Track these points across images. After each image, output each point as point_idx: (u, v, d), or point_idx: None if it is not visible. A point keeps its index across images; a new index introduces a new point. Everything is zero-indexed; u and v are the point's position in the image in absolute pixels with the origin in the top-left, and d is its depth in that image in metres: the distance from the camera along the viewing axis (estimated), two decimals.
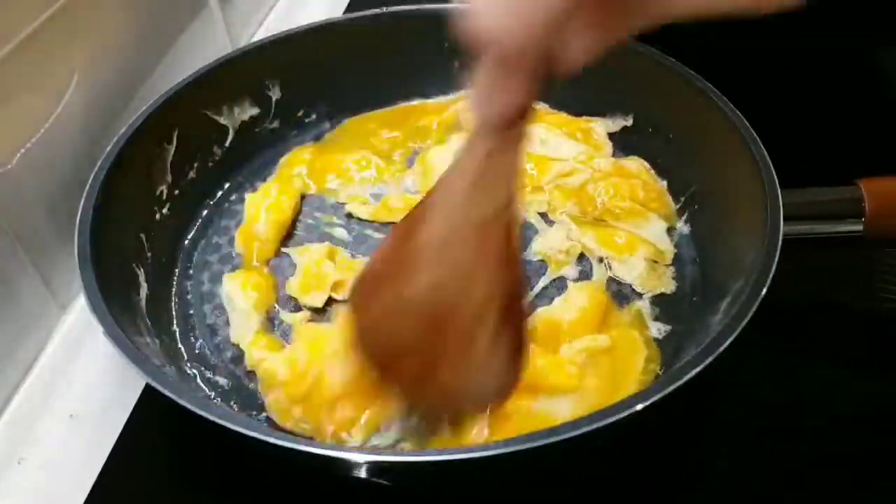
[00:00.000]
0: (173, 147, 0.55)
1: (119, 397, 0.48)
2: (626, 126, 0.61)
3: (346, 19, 0.68)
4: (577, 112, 0.63)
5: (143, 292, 0.49)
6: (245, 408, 0.46)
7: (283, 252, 0.55)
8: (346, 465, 0.39)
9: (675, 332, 0.49)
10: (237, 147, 0.60)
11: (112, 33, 0.55)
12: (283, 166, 0.61)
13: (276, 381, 0.45)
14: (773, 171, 0.46)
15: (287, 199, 0.57)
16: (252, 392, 0.47)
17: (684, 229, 0.55)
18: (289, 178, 0.59)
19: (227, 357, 0.49)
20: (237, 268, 0.54)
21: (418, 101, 0.66)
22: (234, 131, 0.60)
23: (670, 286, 0.52)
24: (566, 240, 0.54)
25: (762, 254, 0.42)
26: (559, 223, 0.56)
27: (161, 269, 0.52)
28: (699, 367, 0.37)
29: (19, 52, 0.46)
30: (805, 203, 0.47)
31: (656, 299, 0.51)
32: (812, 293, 0.53)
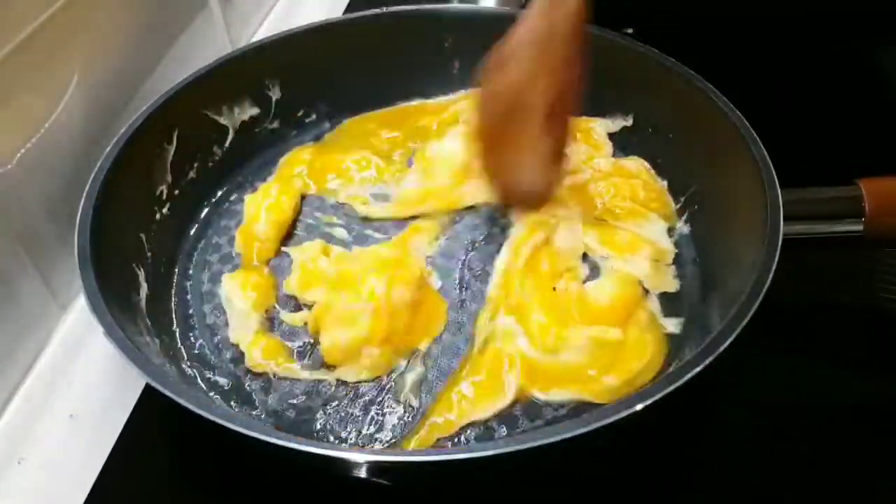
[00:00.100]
0: (173, 147, 0.55)
1: (119, 397, 0.48)
2: (625, 126, 0.61)
3: (345, 19, 0.68)
4: (577, 112, 0.63)
5: (143, 292, 0.49)
6: (245, 407, 0.46)
7: (283, 252, 0.55)
8: (347, 465, 0.39)
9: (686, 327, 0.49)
10: (237, 147, 0.60)
11: (112, 33, 0.55)
12: (283, 166, 0.61)
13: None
14: (773, 171, 0.46)
15: (287, 199, 0.57)
16: (252, 391, 0.47)
17: (684, 229, 0.55)
18: (289, 178, 0.59)
19: (226, 357, 0.49)
20: (237, 268, 0.54)
21: (418, 101, 0.66)
22: (234, 131, 0.60)
23: (675, 285, 0.52)
24: (572, 238, 0.54)
25: (762, 254, 0.42)
26: (566, 221, 0.55)
27: (161, 269, 0.52)
28: (699, 367, 0.37)
29: (19, 53, 0.46)
30: (805, 203, 0.47)
31: (666, 299, 0.51)
32: (812, 293, 0.53)
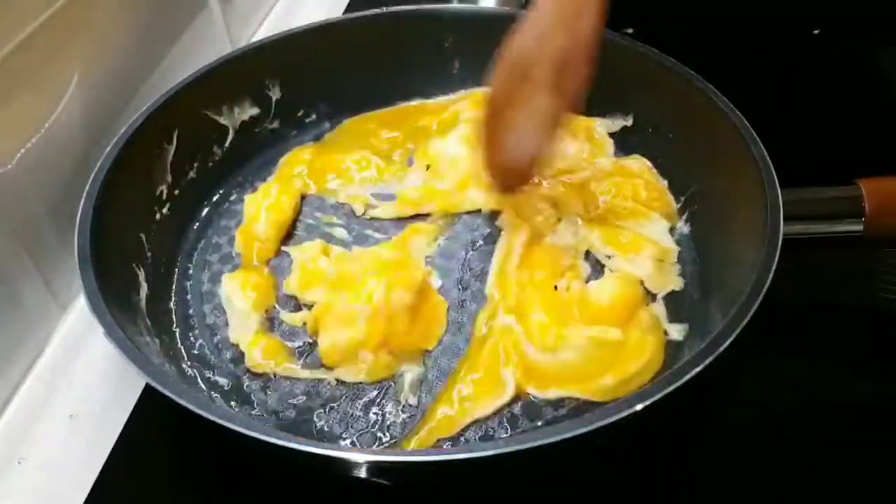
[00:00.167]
0: (173, 147, 0.55)
1: (119, 397, 0.48)
2: (625, 126, 0.61)
3: (345, 19, 0.68)
4: (578, 111, 0.63)
5: (143, 292, 0.49)
6: (245, 407, 0.46)
7: (283, 252, 0.55)
8: (347, 465, 0.39)
9: (691, 333, 0.49)
10: (237, 147, 0.60)
11: (112, 33, 0.55)
12: (283, 166, 0.61)
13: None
14: (773, 171, 0.46)
15: (287, 199, 0.57)
16: (252, 392, 0.47)
17: (684, 229, 0.55)
18: (289, 178, 0.59)
19: (226, 357, 0.49)
20: (237, 268, 0.54)
21: (418, 101, 0.66)
22: (234, 131, 0.60)
23: (679, 283, 0.52)
24: (574, 236, 0.54)
25: (762, 254, 0.42)
26: (567, 220, 0.55)
27: (161, 269, 0.52)
28: (699, 367, 0.37)
29: (19, 53, 0.46)
30: (805, 203, 0.47)
31: (667, 299, 0.51)
32: (812, 293, 0.53)
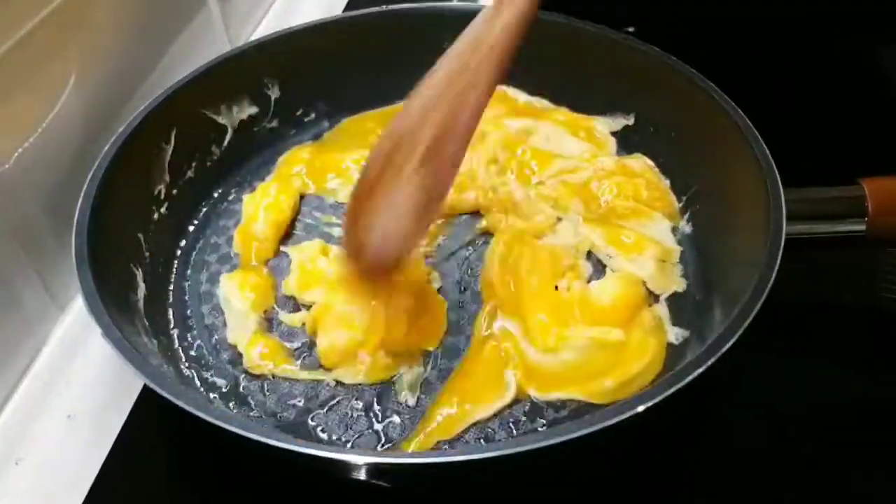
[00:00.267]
0: (171, 146, 0.54)
1: (117, 398, 0.48)
2: (627, 125, 0.61)
3: (344, 18, 0.68)
4: (579, 110, 0.63)
5: (140, 293, 0.49)
6: (243, 408, 0.46)
7: (282, 252, 0.54)
8: (346, 467, 0.39)
9: (691, 337, 0.48)
10: (236, 146, 0.60)
11: (110, 32, 0.55)
12: (282, 165, 0.61)
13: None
14: (776, 171, 0.46)
15: (286, 198, 0.56)
16: (250, 393, 0.46)
17: (686, 228, 0.55)
18: (288, 178, 0.59)
19: (225, 358, 0.48)
20: (236, 268, 0.54)
21: None
22: (232, 130, 0.60)
23: (682, 284, 0.51)
24: (575, 236, 0.54)
25: (764, 253, 0.41)
26: (567, 219, 0.55)
27: (159, 269, 0.52)
28: (701, 368, 0.36)
29: (16, 51, 0.46)
30: (807, 202, 0.47)
31: (669, 300, 0.50)
32: (814, 293, 0.53)
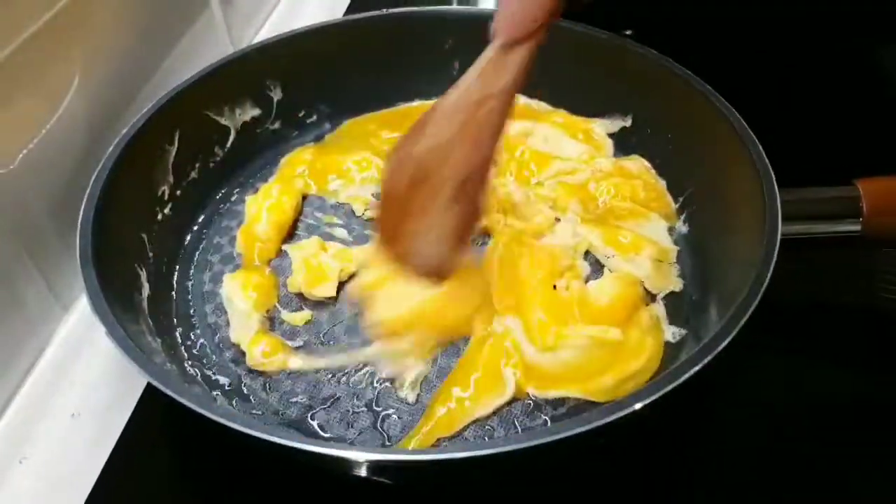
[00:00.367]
0: (175, 148, 0.55)
1: (121, 397, 0.48)
2: (624, 126, 0.61)
3: (346, 20, 0.68)
4: (577, 112, 0.63)
5: (144, 292, 0.49)
6: (246, 406, 0.46)
7: (284, 252, 0.55)
8: (347, 464, 0.39)
9: (688, 336, 0.49)
10: (238, 148, 0.60)
11: (113, 34, 0.55)
12: (284, 167, 0.61)
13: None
14: (772, 171, 0.46)
15: (288, 199, 0.57)
16: (253, 391, 0.47)
17: (683, 229, 0.55)
18: (290, 179, 0.59)
19: (228, 356, 0.49)
20: (238, 268, 0.54)
21: (419, 102, 0.66)
22: (235, 132, 0.60)
23: (678, 284, 0.52)
24: (573, 236, 0.54)
25: (760, 253, 0.42)
26: (565, 220, 0.55)
27: (162, 269, 0.53)
28: (698, 367, 0.37)
29: (21, 54, 0.46)
30: (803, 203, 0.47)
31: (666, 299, 0.51)
32: (810, 293, 0.53)
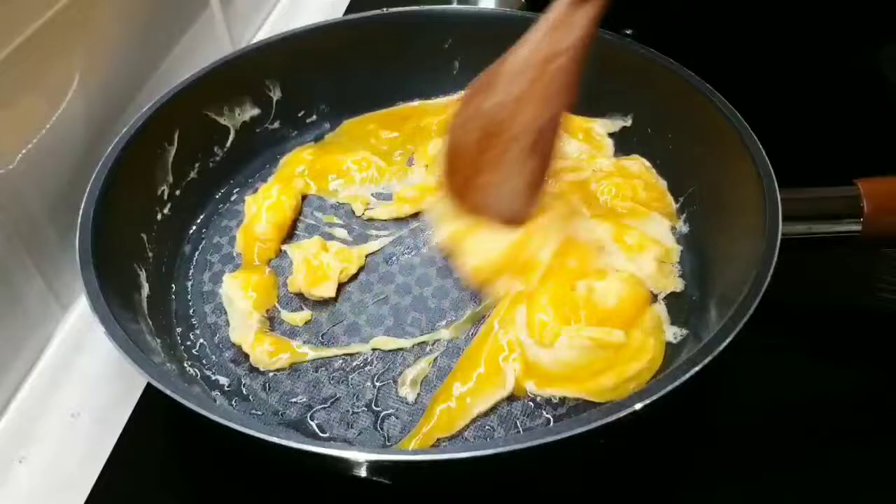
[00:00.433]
0: (174, 147, 0.55)
1: (120, 396, 0.48)
2: (625, 126, 0.61)
3: (346, 20, 0.68)
4: (577, 112, 0.63)
5: (144, 292, 0.49)
6: (246, 407, 0.46)
7: (284, 252, 0.55)
8: (347, 465, 0.39)
9: (688, 336, 0.48)
10: (238, 147, 0.60)
11: (113, 34, 0.55)
12: (284, 166, 0.61)
13: None
14: (772, 172, 0.46)
15: (287, 199, 0.57)
16: (253, 391, 0.47)
17: (683, 229, 0.55)
18: (289, 179, 0.59)
19: (227, 356, 0.49)
20: (238, 267, 0.54)
21: (418, 102, 0.66)
22: (234, 132, 0.60)
23: (679, 284, 0.52)
24: (588, 232, 0.53)
25: (761, 253, 0.42)
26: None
27: (162, 268, 0.53)
28: (698, 367, 0.37)
29: (21, 53, 0.46)
30: (803, 203, 0.47)
31: (667, 299, 0.50)
32: (811, 293, 0.53)
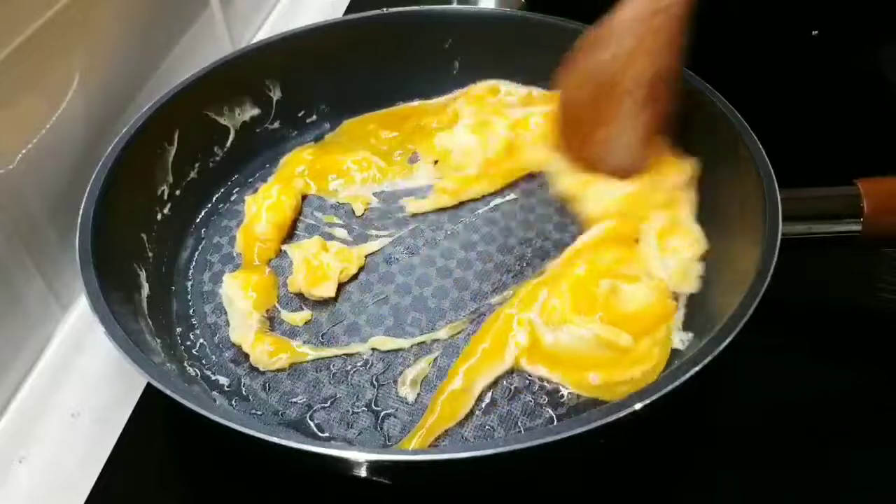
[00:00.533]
0: (174, 147, 0.55)
1: (121, 396, 0.48)
2: None
3: (346, 20, 0.68)
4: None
5: (144, 292, 0.49)
6: (246, 407, 0.46)
7: (284, 252, 0.55)
8: (347, 465, 0.39)
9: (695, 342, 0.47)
10: (238, 147, 0.60)
11: (113, 34, 0.55)
12: (284, 166, 0.61)
13: None
14: (772, 172, 0.46)
15: (287, 199, 0.57)
16: (253, 391, 0.47)
17: None
18: (289, 179, 0.59)
19: (227, 356, 0.49)
20: (238, 267, 0.54)
21: (418, 102, 0.66)
22: (234, 132, 0.60)
23: (696, 285, 0.50)
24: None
25: (760, 253, 0.42)
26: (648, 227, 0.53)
27: (162, 268, 0.53)
28: (698, 367, 0.37)
29: (21, 53, 0.46)
30: (803, 203, 0.47)
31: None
32: (811, 293, 0.53)
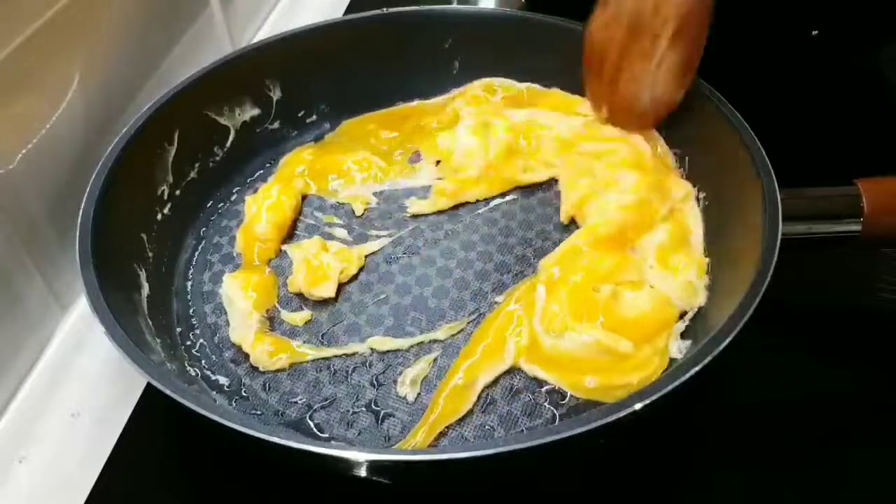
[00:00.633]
0: (174, 147, 0.55)
1: (121, 396, 0.48)
2: None
3: (346, 20, 0.68)
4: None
5: (144, 292, 0.49)
6: (246, 407, 0.46)
7: (284, 252, 0.55)
8: (347, 465, 0.39)
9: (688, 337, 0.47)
10: (238, 147, 0.60)
11: (113, 34, 0.55)
12: (284, 167, 0.61)
13: None
14: (772, 172, 0.46)
15: (287, 199, 0.57)
16: (253, 391, 0.47)
17: None
18: (289, 179, 0.59)
19: (227, 356, 0.49)
20: (238, 267, 0.54)
21: (418, 102, 0.66)
22: (234, 132, 0.60)
23: (703, 298, 0.48)
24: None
25: (760, 253, 0.42)
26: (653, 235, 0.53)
27: (162, 268, 0.53)
28: (698, 367, 0.37)
29: (21, 53, 0.46)
30: (803, 203, 0.47)
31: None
32: (811, 293, 0.53)
